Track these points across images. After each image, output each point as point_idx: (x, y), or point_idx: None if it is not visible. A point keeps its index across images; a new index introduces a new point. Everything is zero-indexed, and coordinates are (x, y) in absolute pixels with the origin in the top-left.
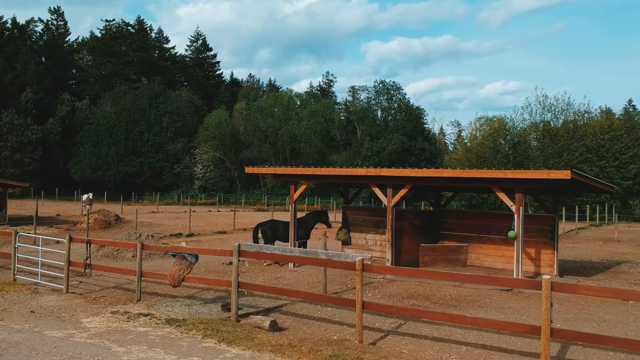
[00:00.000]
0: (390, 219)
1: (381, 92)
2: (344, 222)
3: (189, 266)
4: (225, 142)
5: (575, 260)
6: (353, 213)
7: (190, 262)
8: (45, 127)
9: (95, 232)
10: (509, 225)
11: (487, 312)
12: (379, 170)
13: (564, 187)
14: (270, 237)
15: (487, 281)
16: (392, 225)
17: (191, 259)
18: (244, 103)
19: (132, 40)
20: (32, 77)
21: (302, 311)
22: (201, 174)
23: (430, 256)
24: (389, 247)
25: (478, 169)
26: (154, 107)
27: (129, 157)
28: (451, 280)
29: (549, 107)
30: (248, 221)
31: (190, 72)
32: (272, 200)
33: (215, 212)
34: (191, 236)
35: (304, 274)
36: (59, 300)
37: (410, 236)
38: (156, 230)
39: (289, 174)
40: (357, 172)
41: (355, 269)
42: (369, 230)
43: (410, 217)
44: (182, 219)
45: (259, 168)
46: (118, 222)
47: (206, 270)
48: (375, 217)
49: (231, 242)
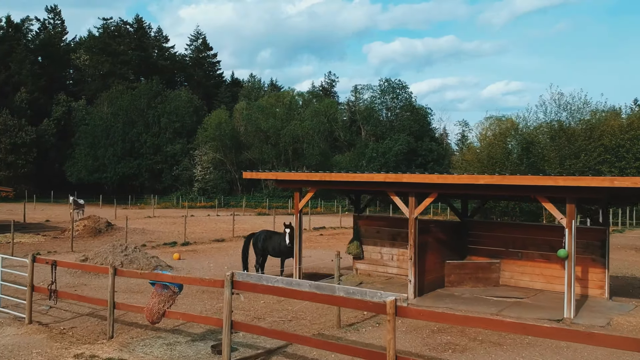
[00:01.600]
0: (412, 232)
1: (386, 90)
2: (356, 233)
3: (171, 297)
4: (226, 143)
5: (618, 276)
6: (366, 223)
7: (173, 291)
8: (40, 128)
9: (84, 241)
10: (549, 239)
11: (534, 352)
12: (400, 176)
13: (623, 195)
14: (260, 249)
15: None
16: (415, 241)
17: (174, 288)
18: (244, 103)
19: (131, 39)
20: (26, 77)
21: (311, 354)
22: (200, 176)
23: (458, 275)
24: (412, 265)
25: (521, 175)
26: (152, 107)
27: (127, 159)
28: (520, 332)
29: (564, 106)
30: (249, 227)
31: (190, 72)
32: (273, 203)
33: (214, 216)
34: (186, 245)
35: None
36: (17, 334)
37: (434, 252)
38: (149, 238)
39: (293, 180)
40: (373, 177)
41: (385, 312)
42: (385, 243)
43: (435, 230)
44: (179, 224)
45: (259, 173)
46: (109, 229)
47: (198, 290)
48: (392, 227)
49: (230, 252)
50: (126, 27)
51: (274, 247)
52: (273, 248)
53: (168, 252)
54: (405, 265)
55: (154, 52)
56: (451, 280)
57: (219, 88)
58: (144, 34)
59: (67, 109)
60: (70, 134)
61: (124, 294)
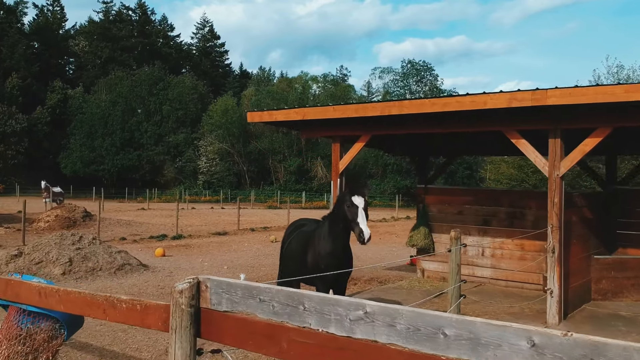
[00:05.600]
0: (557, 203)
1: (409, 73)
2: (422, 215)
3: (48, 343)
4: (233, 132)
5: None
6: (439, 200)
7: (52, 332)
8: (32, 117)
9: (52, 234)
10: None
11: None
12: (540, 93)
13: None
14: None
15: None
16: (560, 219)
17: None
18: (253, 89)
19: (133, 25)
20: (18, 62)
21: None
22: (206, 167)
23: (613, 279)
24: (555, 263)
25: None
26: (154, 94)
27: (126, 150)
28: None
29: (625, 79)
30: (257, 219)
31: (196, 61)
32: (285, 197)
33: (218, 209)
34: (178, 239)
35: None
36: None
37: (579, 241)
38: (134, 231)
39: (336, 120)
40: (487, 102)
41: None
42: (470, 229)
43: (580, 204)
44: (175, 217)
45: (273, 112)
46: (87, 219)
47: None
48: (483, 205)
49: (232, 247)
50: (128, 12)
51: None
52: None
53: (153, 247)
54: (505, 263)
55: (158, 41)
56: (602, 288)
57: (226, 78)
58: (147, 21)
59: (63, 96)
60: (66, 123)
61: None
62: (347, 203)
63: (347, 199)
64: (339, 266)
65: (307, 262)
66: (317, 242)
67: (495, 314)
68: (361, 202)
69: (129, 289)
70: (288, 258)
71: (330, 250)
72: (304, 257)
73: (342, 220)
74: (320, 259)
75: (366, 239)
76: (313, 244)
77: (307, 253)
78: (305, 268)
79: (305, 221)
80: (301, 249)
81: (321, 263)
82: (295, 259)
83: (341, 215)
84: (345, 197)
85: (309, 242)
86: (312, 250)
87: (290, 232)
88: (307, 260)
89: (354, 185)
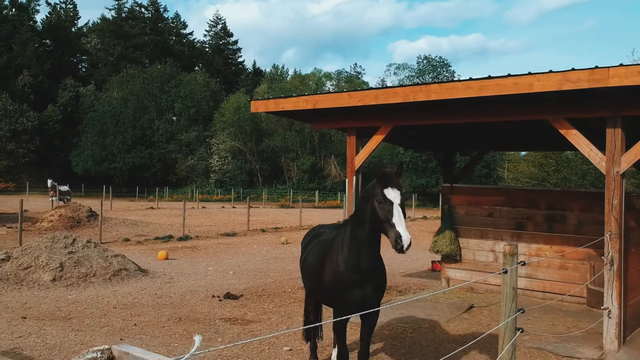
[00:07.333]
0: (616, 206)
1: (425, 69)
2: (447, 217)
3: None
4: (245, 129)
5: None
6: (467, 200)
7: None
8: (43, 115)
9: (58, 233)
10: None
11: None
12: (601, 72)
13: None
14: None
15: None
16: (620, 225)
17: None
18: (266, 86)
19: (146, 23)
20: (30, 59)
21: None
22: (218, 166)
23: None
24: (614, 279)
25: None
26: (166, 91)
27: (137, 148)
28: None
29: None
30: (268, 219)
31: (209, 59)
32: (298, 196)
33: (229, 208)
34: (185, 240)
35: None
36: None
37: (638, 250)
38: (140, 232)
39: (352, 108)
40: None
41: None
42: (502, 234)
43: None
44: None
45: (277, 100)
46: (91, 219)
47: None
48: (517, 206)
49: (241, 250)
50: (141, 9)
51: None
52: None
53: (157, 248)
54: (542, 272)
55: (171, 39)
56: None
57: (239, 76)
58: (160, 18)
59: (75, 94)
60: (78, 121)
61: None
62: (378, 198)
63: (378, 192)
64: (365, 284)
65: (323, 280)
66: (336, 253)
67: (536, 334)
68: (397, 196)
69: (123, 298)
70: (304, 275)
71: (354, 264)
72: (321, 274)
73: (370, 222)
74: (340, 277)
75: (405, 246)
76: (331, 256)
77: (324, 268)
78: (322, 288)
79: (325, 228)
80: (318, 264)
81: (341, 281)
82: (311, 277)
83: (369, 214)
84: (375, 190)
85: (325, 254)
86: (330, 265)
87: (307, 242)
88: (324, 278)
89: (385, 174)
